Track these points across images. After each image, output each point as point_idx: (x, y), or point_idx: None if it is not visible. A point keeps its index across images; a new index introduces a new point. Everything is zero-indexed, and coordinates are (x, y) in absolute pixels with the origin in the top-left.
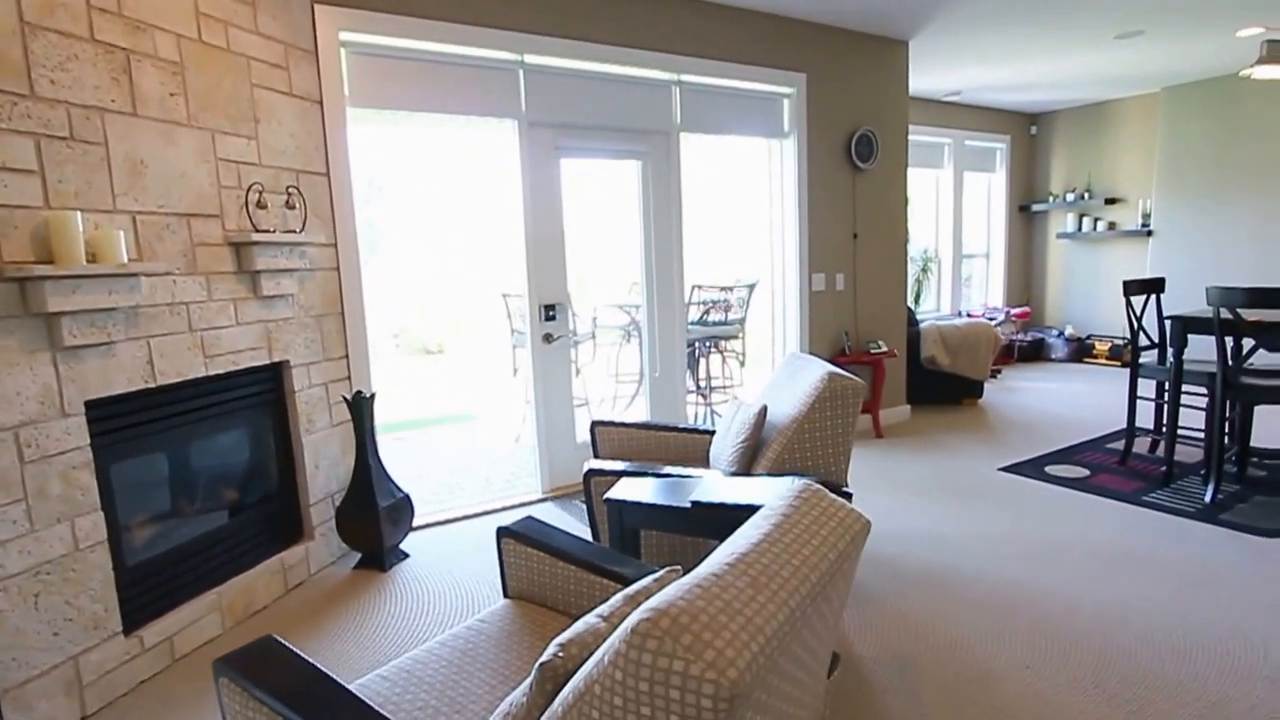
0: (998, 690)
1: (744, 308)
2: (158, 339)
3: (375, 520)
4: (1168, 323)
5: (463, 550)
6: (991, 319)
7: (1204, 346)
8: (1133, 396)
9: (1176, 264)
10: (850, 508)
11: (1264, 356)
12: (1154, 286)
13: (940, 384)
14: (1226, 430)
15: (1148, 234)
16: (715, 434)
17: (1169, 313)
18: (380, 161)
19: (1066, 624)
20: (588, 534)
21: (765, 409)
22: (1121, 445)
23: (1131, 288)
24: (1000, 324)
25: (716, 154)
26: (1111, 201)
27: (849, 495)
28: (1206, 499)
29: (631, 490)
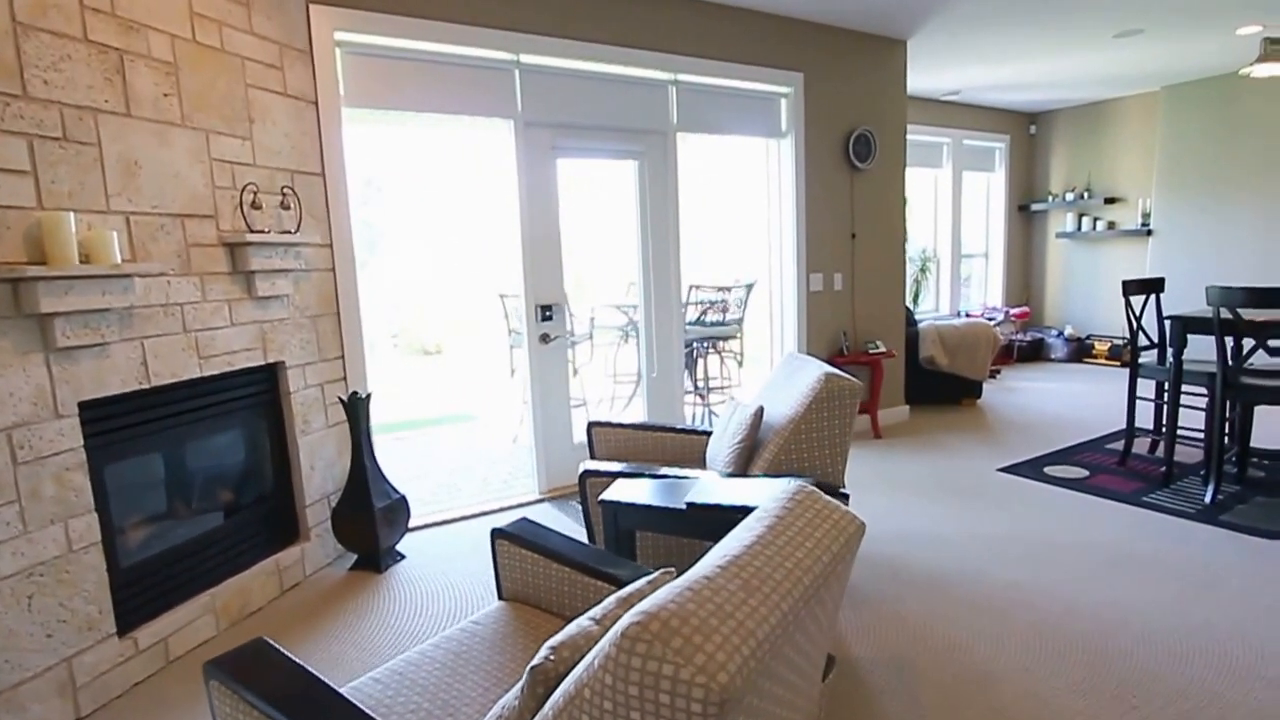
0: (996, 692)
1: (742, 308)
2: (152, 340)
3: (371, 521)
4: (1167, 323)
5: (459, 551)
6: (990, 319)
7: (1204, 346)
8: (1132, 397)
9: (1176, 263)
10: (844, 509)
11: (1264, 356)
12: (1153, 286)
13: (939, 384)
14: (1226, 430)
15: (1147, 233)
16: (712, 435)
17: (1169, 312)
18: (378, 162)
19: (1065, 625)
20: (584, 535)
21: (762, 410)
22: (1121, 446)
23: (1131, 287)
24: (999, 324)
25: (714, 154)
26: (1111, 201)
27: (846, 496)
28: (1206, 500)
29: (627, 491)
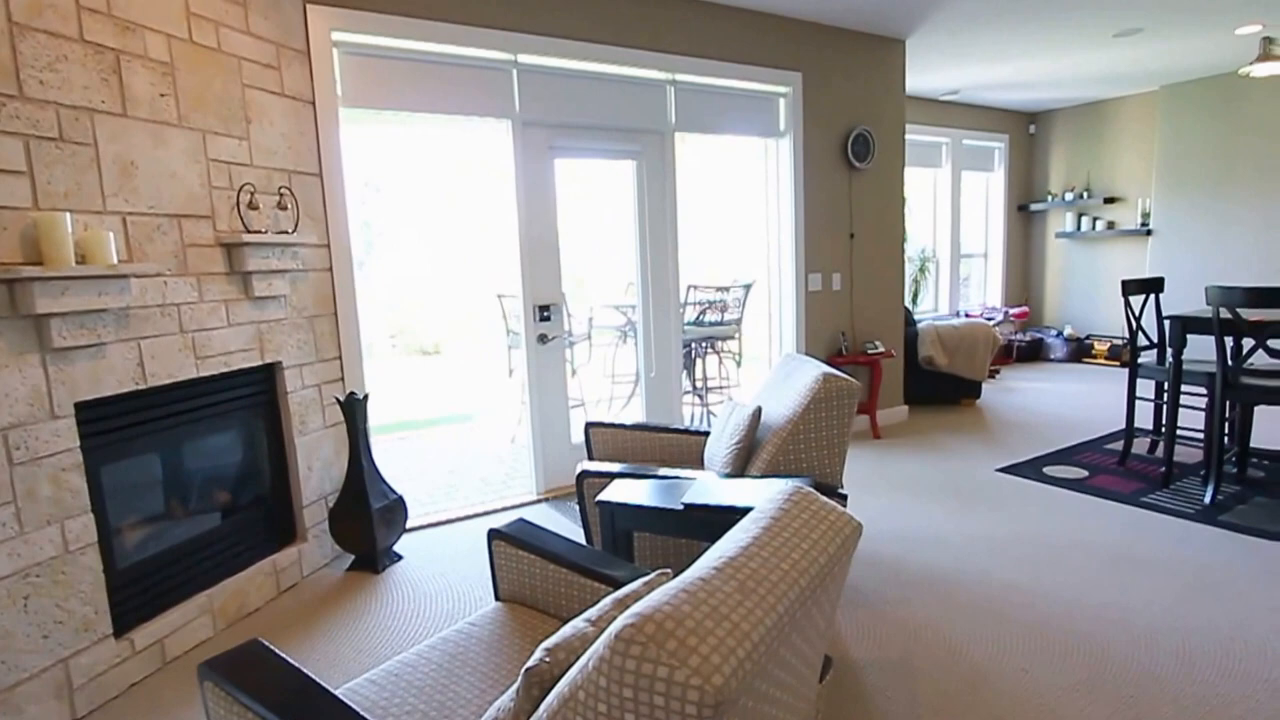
0: (995, 693)
1: (740, 308)
2: (148, 340)
3: (368, 522)
4: (1167, 322)
5: (457, 552)
6: (990, 319)
7: (1203, 346)
8: (1131, 397)
9: (1176, 263)
10: (841, 510)
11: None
12: (1153, 286)
13: (938, 384)
14: (1226, 431)
15: (1147, 233)
16: (710, 435)
17: (1168, 312)
18: (377, 162)
19: (1065, 626)
20: (582, 536)
21: (759, 410)
22: (1120, 446)
23: (1130, 287)
24: (998, 324)
25: (712, 154)
26: (1111, 200)
27: (844, 497)
28: (1206, 500)
29: (624, 492)
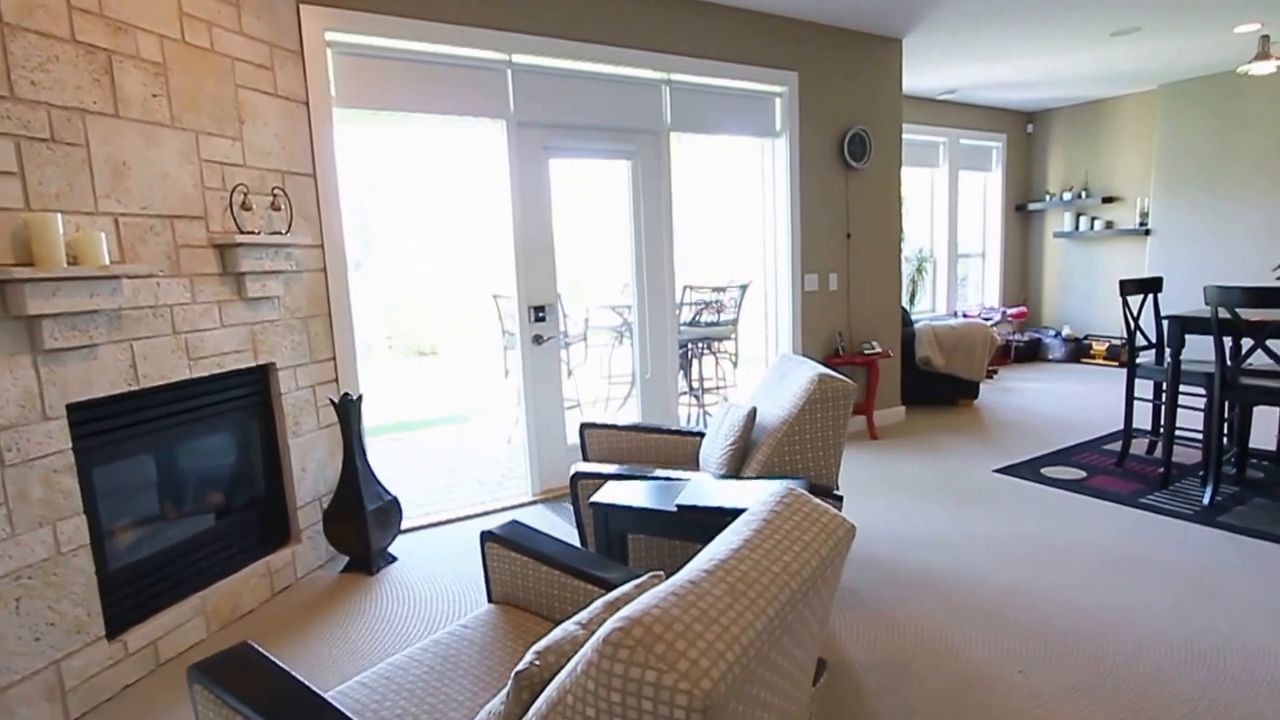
0: (992, 695)
1: (736, 308)
2: (141, 341)
3: (363, 523)
4: (1165, 322)
5: (451, 553)
6: (987, 319)
7: (1202, 347)
8: (1130, 397)
9: (1175, 263)
10: (834, 512)
11: (1263, 357)
12: (1151, 286)
13: (936, 385)
14: (1225, 431)
15: (1146, 233)
16: (705, 436)
17: (1167, 312)
18: (373, 163)
19: (1063, 628)
20: (577, 538)
21: (754, 411)
22: (1119, 446)
23: (1129, 287)
24: (996, 324)
25: (708, 154)
26: (1109, 200)
27: (840, 498)
28: (1205, 501)
29: (618, 494)
